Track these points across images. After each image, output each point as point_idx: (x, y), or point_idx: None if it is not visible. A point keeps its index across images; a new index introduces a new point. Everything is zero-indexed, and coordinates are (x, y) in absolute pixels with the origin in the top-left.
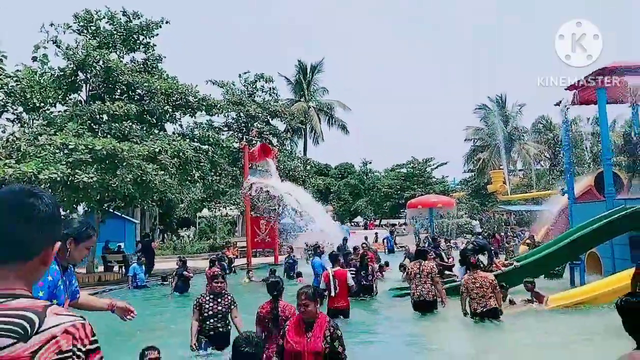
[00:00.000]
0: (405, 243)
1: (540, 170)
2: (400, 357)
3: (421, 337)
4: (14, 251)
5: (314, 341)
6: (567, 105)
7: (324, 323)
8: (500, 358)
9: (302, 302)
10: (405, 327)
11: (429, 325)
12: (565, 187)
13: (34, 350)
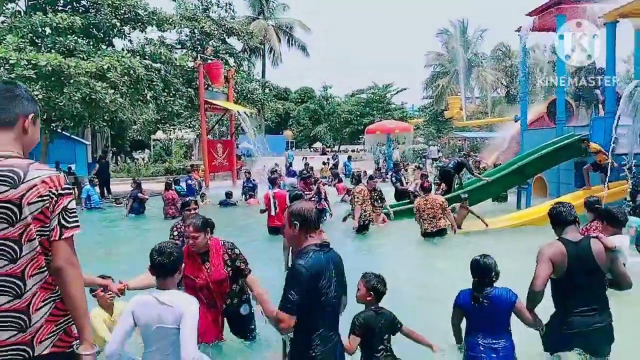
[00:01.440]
0: (363, 168)
1: (497, 97)
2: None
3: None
4: (2, 119)
5: (215, 270)
6: (526, 32)
7: (219, 248)
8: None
9: (190, 234)
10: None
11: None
12: (519, 114)
13: (21, 194)
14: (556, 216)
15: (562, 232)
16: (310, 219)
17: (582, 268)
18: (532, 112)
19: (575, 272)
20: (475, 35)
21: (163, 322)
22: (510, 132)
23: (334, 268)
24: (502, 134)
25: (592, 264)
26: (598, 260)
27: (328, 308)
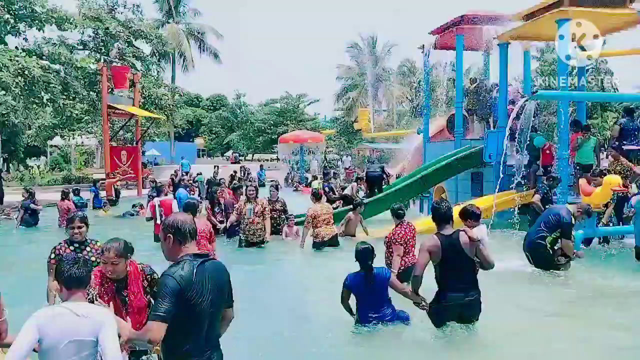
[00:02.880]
0: (275, 177)
1: (402, 110)
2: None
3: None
4: None
5: (135, 298)
6: (429, 49)
7: (138, 274)
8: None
9: (110, 259)
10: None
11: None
12: (422, 127)
13: None
14: (437, 215)
15: (440, 228)
16: (184, 230)
17: (454, 255)
18: (434, 125)
19: (448, 259)
20: (384, 51)
21: (79, 335)
22: (414, 143)
23: (211, 279)
24: (406, 145)
25: (461, 252)
26: (465, 249)
27: (204, 320)
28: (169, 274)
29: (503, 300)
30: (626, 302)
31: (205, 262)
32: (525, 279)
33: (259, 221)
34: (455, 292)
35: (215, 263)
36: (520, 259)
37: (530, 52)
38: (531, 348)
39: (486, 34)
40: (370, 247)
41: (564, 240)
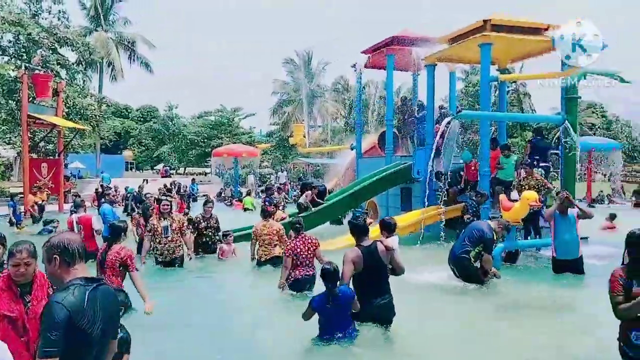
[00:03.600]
0: (207, 192)
1: (337, 127)
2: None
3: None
4: None
5: (38, 304)
6: (361, 68)
7: (44, 281)
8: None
9: (23, 260)
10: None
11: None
12: (355, 143)
13: None
14: (356, 229)
15: (360, 240)
16: (72, 251)
17: (373, 264)
18: (366, 141)
19: (368, 267)
20: (319, 68)
21: None
22: (347, 159)
23: (103, 307)
24: (340, 161)
25: (378, 260)
26: (382, 257)
27: (92, 352)
28: (57, 300)
29: (429, 310)
30: (543, 312)
31: (98, 287)
32: (450, 290)
33: (178, 238)
34: (373, 296)
35: (107, 289)
36: (446, 270)
37: (455, 74)
38: (453, 355)
39: (415, 55)
40: (333, 268)
41: (485, 255)
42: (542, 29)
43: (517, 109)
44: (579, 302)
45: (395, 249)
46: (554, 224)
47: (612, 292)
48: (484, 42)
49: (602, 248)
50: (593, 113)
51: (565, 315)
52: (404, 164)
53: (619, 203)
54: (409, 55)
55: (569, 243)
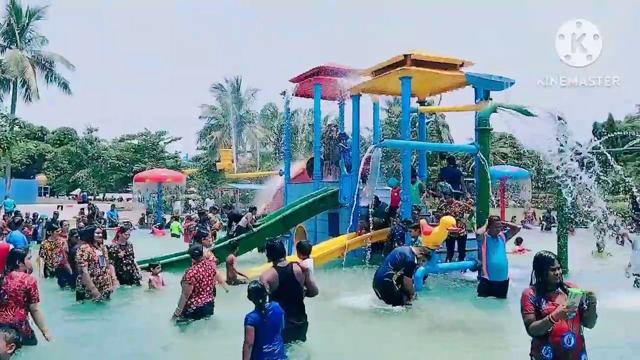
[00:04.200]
0: (129, 218)
1: (266, 152)
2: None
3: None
4: None
5: None
6: (289, 96)
7: None
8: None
9: None
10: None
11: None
12: (284, 168)
13: None
14: (273, 251)
15: (276, 262)
16: None
17: (289, 284)
18: (294, 167)
19: (284, 287)
20: (248, 94)
21: None
22: (276, 185)
23: None
24: (269, 186)
25: (294, 281)
26: (297, 278)
27: None
28: None
29: (352, 331)
30: (463, 331)
31: None
32: (373, 312)
33: (110, 270)
34: (290, 316)
35: None
36: (371, 293)
37: (379, 104)
38: None
39: (341, 85)
40: (260, 286)
41: (406, 277)
42: (458, 65)
43: (437, 138)
44: (496, 321)
45: (310, 270)
46: (485, 247)
47: (523, 311)
48: (405, 75)
49: (514, 270)
50: (505, 143)
51: (483, 334)
52: (331, 190)
53: (530, 227)
54: (335, 85)
55: (499, 265)
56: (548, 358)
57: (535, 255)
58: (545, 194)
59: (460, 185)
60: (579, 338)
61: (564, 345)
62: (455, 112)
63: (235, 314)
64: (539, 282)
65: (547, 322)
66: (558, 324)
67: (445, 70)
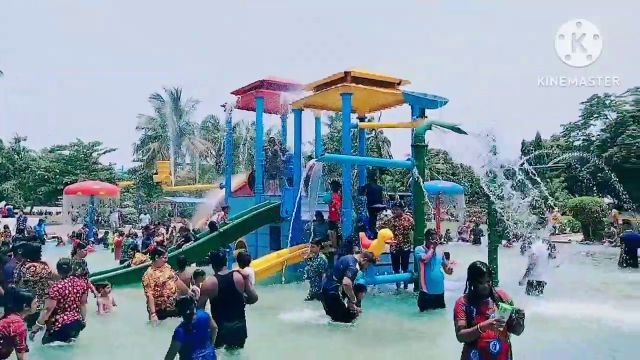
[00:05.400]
0: (58, 233)
1: (207, 165)
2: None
3: None
4: None
5: None
6: (231, 108)
7: None
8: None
9: None
10: None
11: None
12: (224, 182)
13: None
14: (216, 260)
15: (218, 270)
16: None
17: (229, 291)
18: (236, 180)
19: (224, 294)
20: (188, 105)
21: None
22: (216, 198)
23: None
24: (209, 200)
25: (234, 288)
26: (237, 286)
27: None
28: None
29: (292, 344)
30: (400, 341)
31: None
32: (320, 326)
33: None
34: (227, 320)
35: None
36: (315, 308)
37: (321, 119)
38: None
39: (283, 100)
40: (188, 297)
41: (345, 279)
42: (396, 83)
43: (377, 154)
44: (435, 331)
45: (250, 277)
46: (424, 262)
47: (456, 318)
48: (345, 92)
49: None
50: (440, 160)
51: (423, 343)
52: (272, 204)
53: (465, 240)
54: (277, 99)
55: (437, 279)
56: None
57: (469, 266)
58: (477, 208)
59: (382, 200)
60: (505, 344)
61: (490, 350)
62: (395, 129)
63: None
64: (472, 291)
65: (476, 331)
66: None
67: (384, 88)
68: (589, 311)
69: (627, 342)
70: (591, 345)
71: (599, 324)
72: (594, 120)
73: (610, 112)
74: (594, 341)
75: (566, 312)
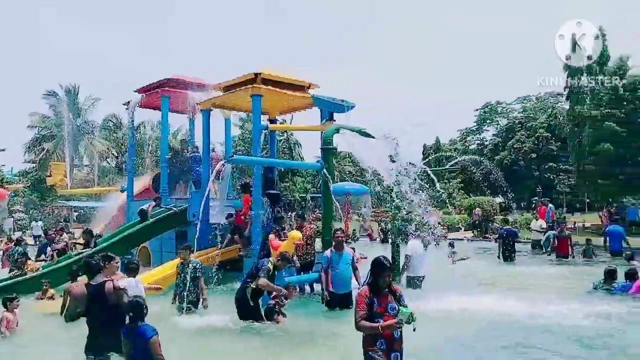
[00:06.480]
0: None
1: (107, 167)
2: None
3: None
4: None
5: None
6: (134, 107)
7: None
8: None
9: None
10: None
11: None
12: (126, 184)
13: None
14: (88, 269)
15: (91, 279)
16: None
17: (99, 300)
18: (139, 183)
19: (95, 304)
20: (87, 103)
21: None
22: (117, 202)
23: None
24: (110, 203)
25: (104, 298)
26: (109, 295)
27: None
28: None
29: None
30: (310, 341)
31: None
32: (228, 330)
33: None
34: (100, 332)
35: None
36: (224, 313)
37: (231, 120)
38: None
39: (190, 99)
40: (145, 305)
41: (260, 279)
42: (305, 86)
43: (289, 156)
44: (339, 329)
45: (129, 288)
46: (329, 260)
47: (357, 308)
48: (255, 93)
49: None
50: (349, 162)
51: (324, 343)
52: (179, 207)
53: (372, 238)
54: (184, 98)
55: (343, 278)
56: (383, 348)
57: (372, 261)
58: (383, 208)
59: (279, 205)
60: (401, 332)
61: (394, 337)
62: (307, 132)
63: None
64: (373, 283)
65: (376, 329)
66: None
67: (294, 91)
68: (475, 304)
69: (511, 327)
70: (480, 334)
71: (487, 315)
72: (487, 126)
73: (502, 119)
74: (483, 331)
75: (457, 305)
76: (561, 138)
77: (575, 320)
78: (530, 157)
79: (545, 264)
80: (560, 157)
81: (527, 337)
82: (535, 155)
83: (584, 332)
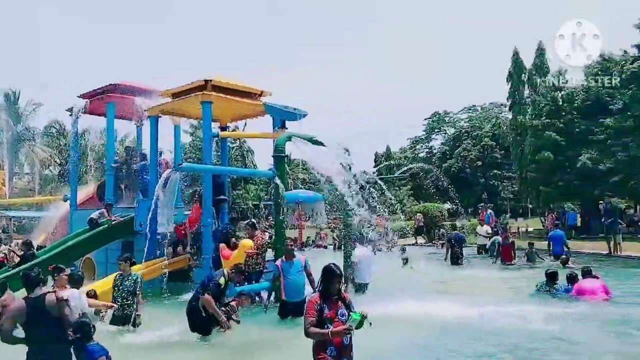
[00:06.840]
0: None
1: (50, 175)
2: None
3: None
4: None
5: None
6: (78, 113)
7: None
8: None
9: None
10: None
11: None
12: (69, 193)
13: None
14: (27, 281)
15: (29, 292)
16: None
17: (39, 314)
18: (83, 192)
19: (34, 318)
20: (28, 108)
21: None
22: (60, 211)
23: None
24: (51, 213)
25: (45, 311)
26: (48, 307)
27: None
28: None
29: None
30: (265, 351)
31: None
32: (180, 344)
33: None
34: (42, 351)
35: None
36: (174, 325)
37: (180, 127)
38: None
39: (138, 105)
40: (92, 325)
41: (202, 298)
42: (257, 94)
43: (241, 163)
44: (291, 337)
45: (72, 300)
46: (281, 269)
47: (307, 314)
48: (205, 100)
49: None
50: (303, 169)
51: (276, 353)
52: (125, 216)
53: (323, 247)
54: (131, 105)
55: (296, 287)
56: (333, 355)
57: (323, 268)
58: (336, 215)
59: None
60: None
61: (344, 344)
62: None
63: None
64: (324, 290)
65: (326, 335)
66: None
67: (245, 98)
68: (424, 308)
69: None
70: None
71: (435, 319)
72: (436, 135)
73: (449, 128)
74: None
75: (412, 308)
76: (505, 147)
77: (525, 321)
78: (476, 164)
79: (491, 268)
80: (504, 164)
81: (479, 338)
82: (481, 163)
83: (535, 334)
